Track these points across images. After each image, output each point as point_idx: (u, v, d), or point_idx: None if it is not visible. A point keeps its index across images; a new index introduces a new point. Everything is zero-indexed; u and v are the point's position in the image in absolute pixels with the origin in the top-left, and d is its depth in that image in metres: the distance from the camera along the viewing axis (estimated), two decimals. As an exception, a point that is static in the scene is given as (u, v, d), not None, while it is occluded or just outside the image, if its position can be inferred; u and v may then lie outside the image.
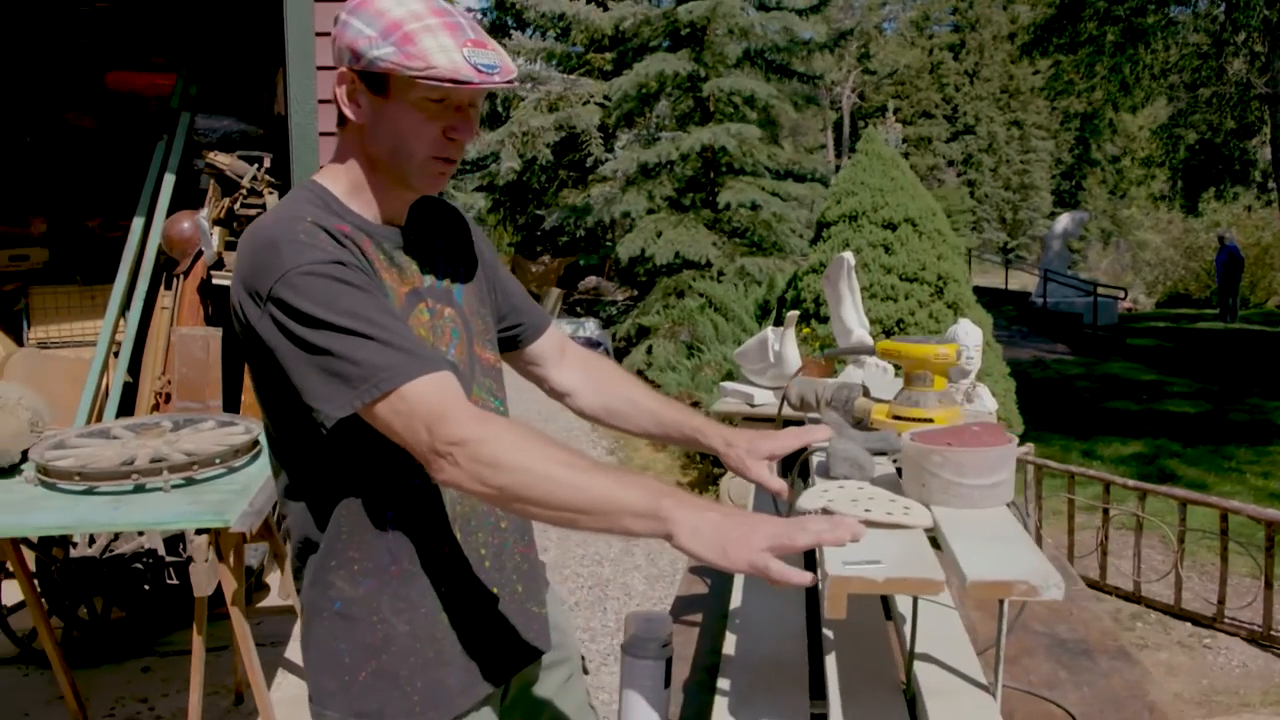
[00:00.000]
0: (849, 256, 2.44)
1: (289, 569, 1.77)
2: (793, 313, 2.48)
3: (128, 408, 4.20)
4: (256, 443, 2.57)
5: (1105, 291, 14.58)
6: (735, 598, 1.81)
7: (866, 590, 1.01)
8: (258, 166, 4.17)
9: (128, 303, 4.27)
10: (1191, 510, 4.05)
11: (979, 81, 39.16)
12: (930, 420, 1.41)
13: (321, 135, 3.47)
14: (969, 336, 2.10)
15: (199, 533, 2.19)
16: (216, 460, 2.40)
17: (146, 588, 3.13)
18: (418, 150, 1.13)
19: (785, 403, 1.84)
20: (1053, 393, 9.29)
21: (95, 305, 4.55)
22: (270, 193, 4.14)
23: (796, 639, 1.63)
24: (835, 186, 5.41)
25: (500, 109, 12.90)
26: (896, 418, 1.47)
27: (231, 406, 4.00)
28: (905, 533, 1.13)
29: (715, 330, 8.21)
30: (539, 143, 11.59)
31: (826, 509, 1.17)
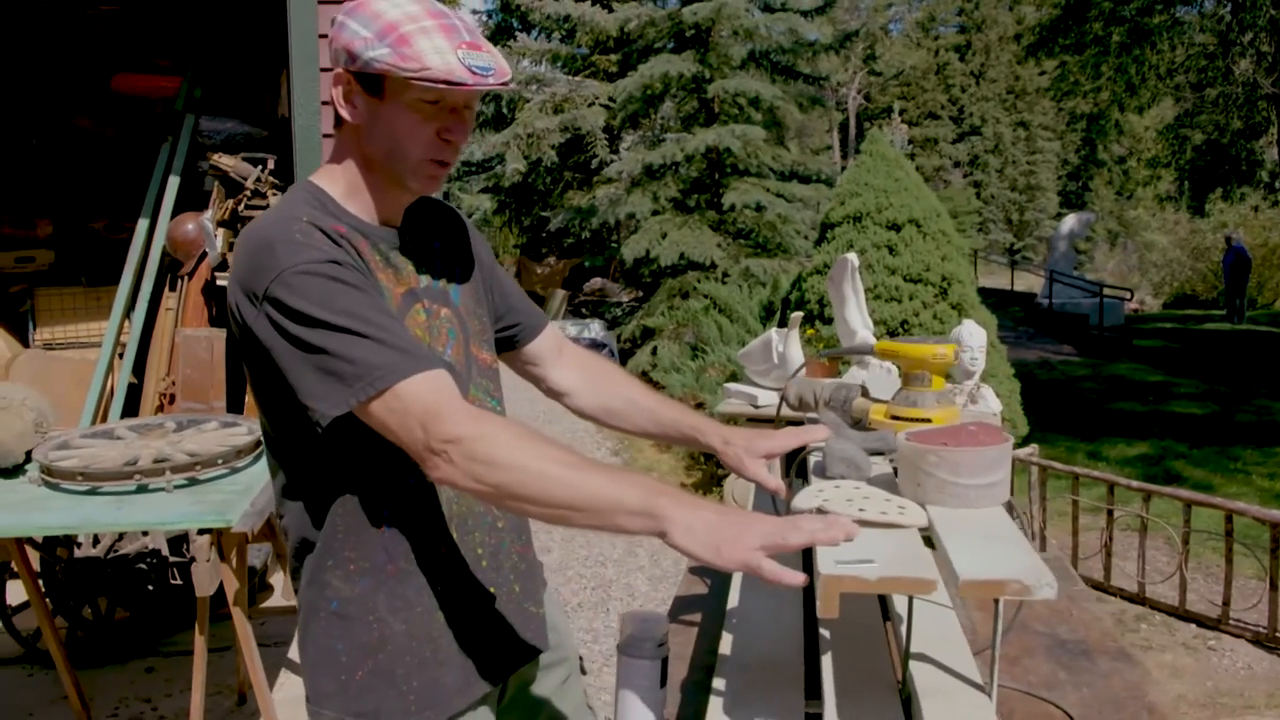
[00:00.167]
0: (853, 258, 2.43)
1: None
2: (797, 314, 2.48)
3: (132, 409, 4.20)
4: (259, 443, 2.57)
5: (1111, 292, 14.51)
6: (733, 598, 1.81)
7: (858, 589, 1.01)
8: (262, 168, 4.19)
9: (132, 304, 4.28)
10: (1197, 512, 4.03)
11: (985, 82, 39.06)
12: (928, 420, 1.41)
13: (325, 137, 3.48)
14: (973, 338, 2.09)
15: (201, 533, 2.19)
16: (219, 461, 2.41)
17: (150, 588, 3.14)
18: (412, 151, 1.14)
19: (784, 403, 1.85)
20: (1058, 394, 9.27)
21: (100, 307, 4.55)
22: (274, 194, 4.15)
23: (793, 639, 1.64)
24: (840, 188, 5.41)
25: (506, 111, 12.93)
26: (894, 418, 1.47)
27: (235, 407, 4.01)
28: (899, 532, 1.13)
29: (720, 331, 8.22)
30: (544, 144, 11.61)
31: (821, 508, 1.17)
